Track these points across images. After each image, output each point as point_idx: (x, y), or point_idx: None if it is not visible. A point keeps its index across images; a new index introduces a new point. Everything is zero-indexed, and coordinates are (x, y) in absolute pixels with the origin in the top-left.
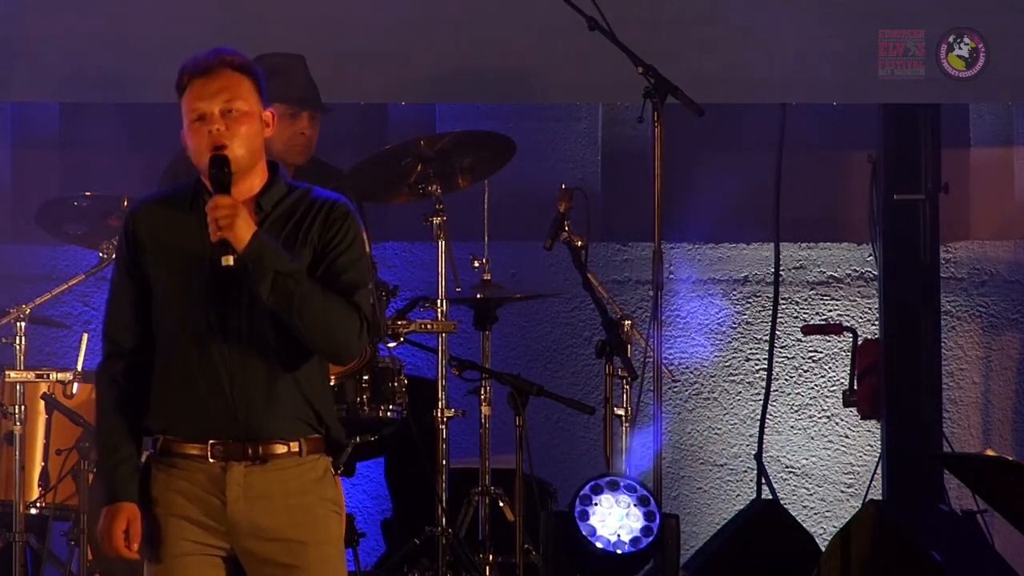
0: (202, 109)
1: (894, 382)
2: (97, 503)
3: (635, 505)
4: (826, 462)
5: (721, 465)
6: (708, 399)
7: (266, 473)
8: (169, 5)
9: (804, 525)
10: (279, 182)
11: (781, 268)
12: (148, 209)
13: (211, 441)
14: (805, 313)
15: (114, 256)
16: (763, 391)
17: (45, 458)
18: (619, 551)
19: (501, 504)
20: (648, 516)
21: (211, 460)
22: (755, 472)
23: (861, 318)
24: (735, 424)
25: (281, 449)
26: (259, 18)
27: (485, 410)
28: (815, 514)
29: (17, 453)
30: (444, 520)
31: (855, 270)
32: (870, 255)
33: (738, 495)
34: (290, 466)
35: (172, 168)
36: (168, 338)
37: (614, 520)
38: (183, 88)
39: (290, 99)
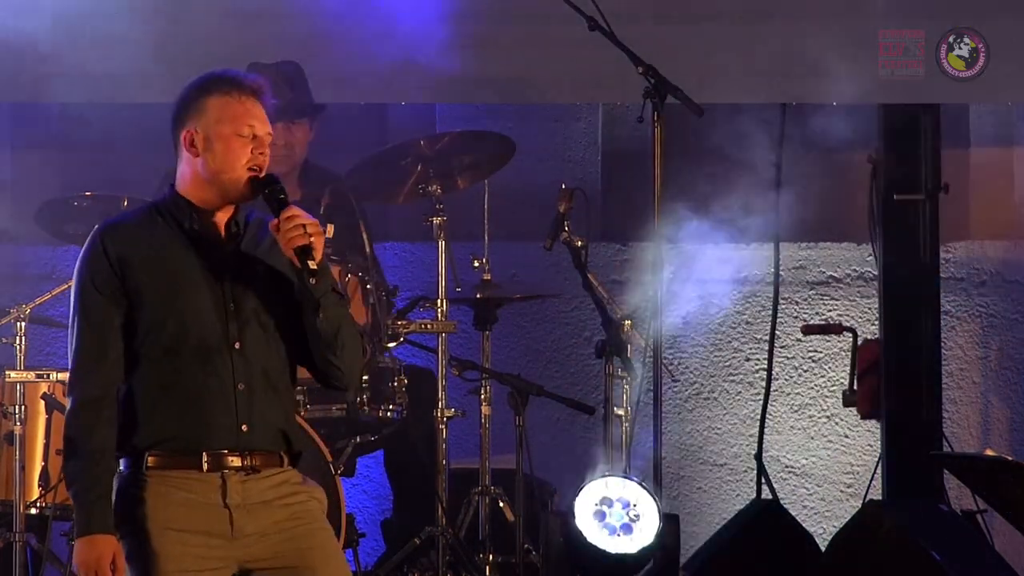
0: (257, 130)
1: (894, 382)
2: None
3: (635, 505)
4: (826, 462)
5: (721, 465)
6: (708, 399)
7: (259, 481)
8: (169, 6)
9: (804, 525)
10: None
11: (781, 268)
12: (121, 231)
13: (206, 454)
14: (805, 313)
15: (79, 283)
16: (763, 391)
17: (45, 458)
18: (619, 551)
19: (501, 504)
20: (648, 516)
21: (207, 471)
22: (755, 472)
23: (861, 318)
24: (735, 424)
25: (269, 460)
26: (258, 19)
27: (485, 410)
28: (815, 514)
29: (17, 453)
30: (444, 520)
31: (855, 270)
32: (870, 255)
33: (738, 495)
34: (276, 472)
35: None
36: (165, 354)
37: (614, 520)
38: (220, 93)
39: None
